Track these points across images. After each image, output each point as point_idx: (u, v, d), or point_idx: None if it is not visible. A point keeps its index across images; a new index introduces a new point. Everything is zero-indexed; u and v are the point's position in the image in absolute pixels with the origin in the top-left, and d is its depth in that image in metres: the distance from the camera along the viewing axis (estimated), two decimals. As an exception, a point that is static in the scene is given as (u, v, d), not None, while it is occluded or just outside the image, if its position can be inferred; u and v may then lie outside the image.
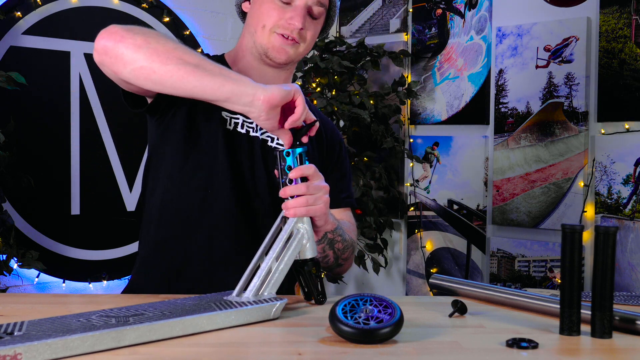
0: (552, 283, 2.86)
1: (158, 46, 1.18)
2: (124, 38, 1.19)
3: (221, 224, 1.41)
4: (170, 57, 1.17)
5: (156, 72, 1.18)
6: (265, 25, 1.40)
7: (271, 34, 1.40)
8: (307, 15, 1.40)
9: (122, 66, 1.20)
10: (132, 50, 1.18)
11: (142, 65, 1.18)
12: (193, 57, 1.19)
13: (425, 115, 3.30)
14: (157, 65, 1.17)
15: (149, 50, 1.18)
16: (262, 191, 1.44)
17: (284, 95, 1.16)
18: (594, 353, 0.98)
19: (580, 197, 2.79)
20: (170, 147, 1.43)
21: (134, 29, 1.22)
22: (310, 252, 1.23)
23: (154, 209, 1.44)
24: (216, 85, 1.17)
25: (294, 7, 1.39)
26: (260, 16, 1.40)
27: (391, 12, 3.45)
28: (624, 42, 2.67)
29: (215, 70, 1.18)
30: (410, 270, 3.37)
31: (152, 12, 3.12)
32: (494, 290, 1.28)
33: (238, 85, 1.17)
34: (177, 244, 1.42)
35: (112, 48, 1.20)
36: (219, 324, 1.04)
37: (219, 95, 1.17)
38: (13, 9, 2.75)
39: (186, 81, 1.17)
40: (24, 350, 0.84)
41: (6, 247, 2.49)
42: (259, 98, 1.16)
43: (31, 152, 2.78)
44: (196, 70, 1.17)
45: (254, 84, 1.17)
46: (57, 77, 2.87)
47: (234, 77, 1.18)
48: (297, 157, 1.22)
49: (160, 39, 1.20)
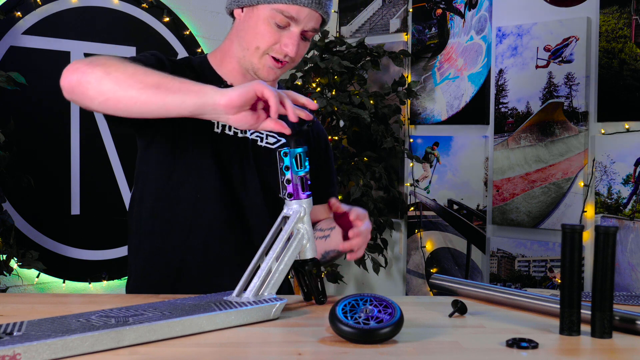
0: (552, 283, 2.86)
1: (118, 74, 1.20)
2: (85, 74, 1.21)
3: (215, 228, 1.42)
4: (131, 84, 1.18)
5: (121, 100, 1.19)
6: (260, 47, 1.39)
7: (263, 55, 1.40)
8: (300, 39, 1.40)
9: (89, 101, 1.23)
10: (95, 84, 1.20)
11: (107, 97, 1.20)
12: (153, 78, 1.19)
13: (425, 115, 3.30)
14: (120, 94, 1.19)
15: (110, 81, 1.19)
16: (255, 192, 1.45)
17: (243, 95, 1.14)
18: (594, 353, 0.98)
19: (580, 197, 2.79)
20: (157, 156, 1.44)
21: (94, 62, 1.23)
22: (311, 252, 1.23)
23: (145, 219, 1.45)
24: (178, 103, 1.17)
25: (289, 33, 1.38)
26: (255, 36, 1.40)
27: (391, 12, 3.45)
28: (624, 42, 2.67)
29: (175, 87, 1.18)
30: (410, 270, 3.36)
31: (152, 12, 3.12)
32: (494, 290, 1.28)
33: (199, 97, 1.16)
34: (172, 253, 1.43)
35: (76, 85, 1.22)
36: (218, 324, 1.04)
37: (183, 111, 1.18)
38: (13, 9, 2.75)
39: (150, 104, 1.18)
40: (23, 351, 0.84)
41: (6, 247, 2.49)
42: (220, 105, 1.14)
43: (31, 152, 2.78)
44: (157, 91, 1.17)
45: (213, 92, 1.16)
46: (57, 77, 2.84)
47: (195, 90, 1.17)
48: (295, 157, 1.22)
49: (120, 67, 1.21)
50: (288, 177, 1.22)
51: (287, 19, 1.36)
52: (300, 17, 1.37)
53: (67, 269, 2.89)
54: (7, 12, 2.72)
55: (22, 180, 2.63)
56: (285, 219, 1.22)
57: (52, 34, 2.85)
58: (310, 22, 1.38)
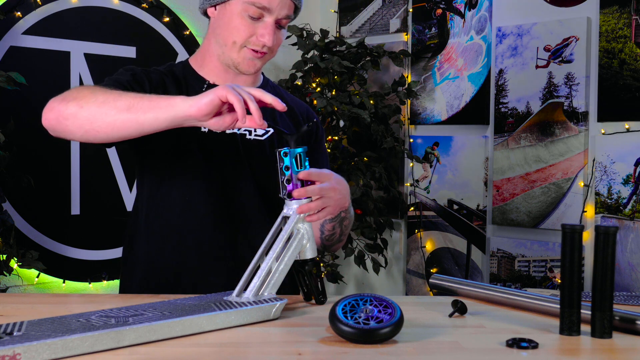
0: (552, 283, 2.86)
1: (90, 106, 1.23)
2: (60, 111, 1.25)
3: (206, 228, 1.43)
4: (105, 111, 1.21)
5: (99, 130, 1.23)
6: (236, 41, 1.42)
7: (241, 48, 1.42)
8: (275, 29, 1.42)
9: (71, 135, 1.27)
10: (72, 120, 1.24)
11: (86, 129, 1.23)
12: (123, 102, 1.21)
13: (425, 115, 3.30)
14: (97, 124, 1.22)
15: (84, 113, 1.23)
16: (247, 186, 1.46)
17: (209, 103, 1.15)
18: (594, 353, 0.98)
19: (580, 197, 2.79)
20: (150, 164, 1.47)
21: (67, 97, 1.27)
22: (311, 252, 1.23)
23: (142, 225, 1.47)
24: (152, 120, 1.19)
25: (264, 23, 1.40)
26: (230, 31, 1.42)
27: (391, 12, 3.45)
28: (624, 42, 2.67)
29: (145, 106, 1.20)
30: (410, 270, 3.36)
31: (152, 12, 3.12)
32: (494, 290, 1.28)
33: (169, 111, 1.18)
34: (169, 256, 1.45)
35: (55, 124, 1.27)
36: (218, 324, 1.04)
37: (159, 126, 1.20)
38: (13, 9, 2.75)
39: (127, 127, 1.21)
40: (23, 351, 0.84)
41: (6, 247, 2.49)
42: (192, 114, 1.17)
43: (31, 152, 2.78)
44: (130, 113, 1.20)
45: (182, 103, 1.18)
46: (57, 77, 2.86)
47: (164, 105, 1.19)
48: (295, 157, 1.22)
49: (90, 97, 1.24)
50: (288, 177, 1.22)
51: (260, 10, 1.39)
52: (272, 6, 1.39)
53: (67, 269, 2.89)
54: (7, 12, 2.72)
55: (22, 180, 2.62)
56: (285, 219, 1.22)
57: (52, 34, 2.85)
58: (283, 10, 1.40)
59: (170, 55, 3.16)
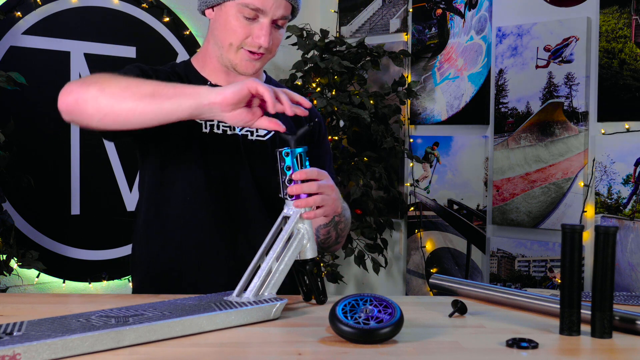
0: (552, 283, 2.86)
1: (112, 89, 1.22)
2: (80, 94, 1.24)
3: (207, 228, 1.44)
4: (127, 96, 1.21)
5: (119, 114, 1.22)
6: (232, 43, 1.41)
7: (238, 50, 1.42)
8: (272, 29, 1.41)
9: (89, 119, 1.25)
10: (92, 103, 1.22)
11: (105, 112, 1.22)
12: (147, 88, 1.22)
13: (425, 115, 3.30)
14: (117, 107, 1.21)
15: (105, 97, 1.22)
16: (248, 187, 1.46)
17: (237, 92, 1.16)
18: (594, 353, 0.98)
19: (580, 197, 2.79)
20: (149, 165, 1.47)
21: (87, 81, 1.26)
22: (311, 252, 1.23)
23: (143, 225, 1.48)
24: (174, 107, 1.19)
25: (259, 24, 1.40)
26: (227, 33, 1.42)
27: (391, 12, 3.45)
28: (624, 42, 2.67)
29: (170, 93, 1.20)
30: (410, 270, 3.36)
31: (152, 12, 3.12)
32: (494, 290, 1.28)
33: (194, 99, 1.18)
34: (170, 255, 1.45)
35: (73, 106, 1.25)
36: (219, 324, 1.04)
37: (181, 115, 1.20)
38: (13, 9, 2.74)
39: (148, 112, 1.21)
40: (23, 351, 0.84)
41: (6, 247, 2.49)
42: (215, 103, 1.17)
43: (31, 152, 2.78)
44: (153, 99, 1.20)
45: (207, 91, 1.18)
46: (57, 77, 2.86)
47: (189, 92, 1.19)
48: (296, 157, 1.22)
49: (112, 82, 1.24)
50: (290, 177, 1.22)
51: (254, 12, 1.39)
52: (267, 7, 1.38)
53: (67, 269, 2.89)
54: (7, 12, 2.72)
55: (22, 180, 2.62)
56: (286, 219, 1.22)
57: (52, 34, 2.85)
58: (279, 10, 1.40)
59: (170, 55, 3.16)
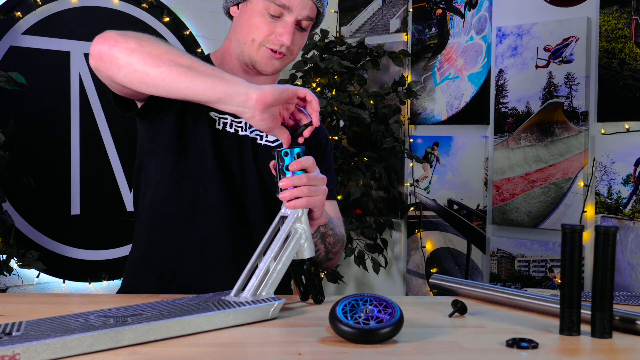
0: (552, 283, 2.86)
1: (151, 49, 1.20)
2: (117, 43, 1.21)
3: (213, 224, 1.42)
4: (163, 60, 1.19)
5: (149, 74, 1.19)
6: (255, 39, 1.41)
7: (260, 47, 1.41)
8: (295, 30, 1.41)
9: (116, 70, 1.22)
10: (126, 55, 1.20)
11: (135, 68, 1.20)
12: (185, 59, 1.20)
13: (425, 115, 3.30)
14: (150, 68, 1.19)
15: (142, 53, 1.20)
16: (253, 189, 1.45)
17: (278, 94, 1.16)
18: (594, 353, 0.98)
19: (580, 197, 2.79)
20: (159, 150, 1.44)
21: (128, 34, 1.23)
22: (308, 252, 1.23)
23: (145, 213, 1.45)
24: (208, 86, 1.17)
25: (283, 22, 1.39)
26: (250, 29, 1.41)
27: (391, 12, 3.45)
28: (624, 42, 2.67)
29: (207, 72, 1.19)
30: (410, 270, 3.36)
31: (152, 12, 3.12)
32: (494, 290, 1.28)
33: (231, 85, 1.17)
34: (169, 247, 1.43)
35: (106, 53, 1.22)
36: (217, 324, 1.04)
37: (211, 96, 1.18)
38: (13, 9, 2.74)
39: (179, 82, 1.18)
40: (23, 351, 0.84)
41: (6, 247, 2.48)
42: (252, 98, 1.15)
43: (31, 152, 2.78)
44: (188, 71, 1.18)
45: (246, 84, 1.18)
46: (57, 77, 2.86)
47: (227, 78, 1.18)
48: (295, 156, 1.22)
49: (154, 43, 1.22)
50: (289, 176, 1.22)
51: (280, 8, 1.38)
52: (293, 5, 1.38)
53: (67, 269, 2.88)
54: (7, 12, 2.72)
55: (22, 180, 2.62)
56: (283, 218, 1.22)
57: (52, 34, 2.85)
58: (304, 10, 1.39)
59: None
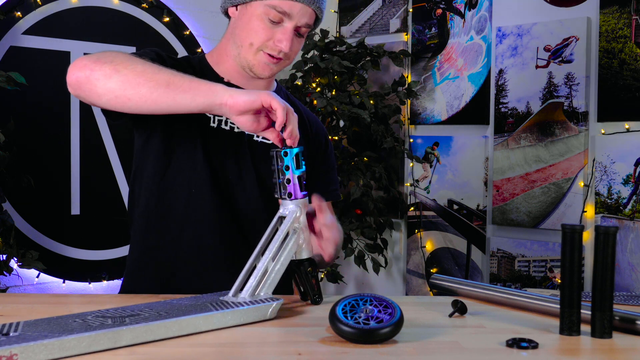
0: (552, 283, 2.85)
1: (127, 72, 1.20)
2: (93, 71, 1.21)
3: (208, 224, 1.42)
4: (141, 82, 1.20)
5: (131, 99, 1.20)
6: (253, 43, 1.40)
7: (257, 52, 1.41)
8: (294, 36, 1.41)
9: (97, 97, 1.23)
10: (104, 82, 1.21)
11: (116, 94, 1.21)
12: (162, 75, 1.21)
13: (425, 115, 3.30)
14: (130, 92, 1.20)
15: (119, 78, 1.20)
16: (250, 186, 1.45)
17: (249, 102, 1.17)
18: (594, 353, 0.98)
19: (580, 197, 2.79)
20: (152, 153, 1.44)
21: (102, 58, 1.23)
22: (307, 252, 1.23)
23: (140, 216, 1.45)
24: (188, 101, 1.19)
25: (282, 28, 1.39)
26: (248, 33, 1.40)
27: (391, 12, 3.45)
28: (624, 42, 2.67)
29: (185, 85, 1.20)
30: (410, 270, 3.36)
31: (152, 12, 3.12)
32: (494, 290, 1.28)
33: (208, 96, 1.19)
34: (166, 249, 1.43)
35: (84, 82, 1.22)
36: (215, 324, 1.04)
37: (193, 108, 1.20)
38: (13, 9, 2.74)
39: (160, 102, 1.20)
40: (20, 351, 0.84)
41: (6, 247, 2.48)
42: (226, 104, 1.18)
43: (31, 152, 2.78)
44: (168, 89, 1.19)
45: (222, 91, 1.19)
46: (57, 77, 2.85)
47: (204, 89, 1.19)
48: (294, 157, 1.21)
49: (129, 64, 1.22)
50: (288, 176, 1.21)
51: (280, 15, 1.37)
52: (293, 12, 1.37)
53: (67, 269, 2.89)
54: (7, 12, 2.72)
55: (22, 180, 2.62)
56: (282, 219, 1.22)
57: (52, 34, 2.85)
58: (304, 17, 1.39)
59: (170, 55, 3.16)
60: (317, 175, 1.54)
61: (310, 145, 1.55)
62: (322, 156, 1.59)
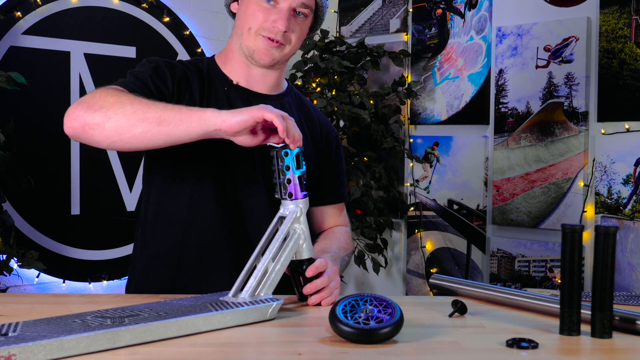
0: (552, 283, 2.85)
1: (119, 117, 1.21)
2: (86, 121, 1.23)
3: (211, 229, 1.43)
4: (134, 124, 1.21)
5: (128, 141, 1.22)
6: (251, 27, 1.42)
7: (257, 36, 1.42)
8: (291, 17, 1.42)
9: (96, 143, 1.25)
10: (99, 131, 1.22)
11: (113, 140, 1.23)
12: (154, 113, 1.21)
13: (425, 115, 3.30)
14: (126, 136, 1.22)
15: (112, 125, 1.21)
16: (258, 191, 1.45)
17: (242, 122, 1.17)
18: (594, 353, 0.98)
19: (580, 197, 2.79)
20: (158, 163, 1.46)
21: (93, 106, 1.23)
22: (307, 252, 1.23)
23: (148, 222, 1.47)
24: (183, 134, 1.21)
25: (278, 9, 1.40)
26: (246, 18, 1.42)
27: (391, 12, 3.45)
28: (624, 42, 2.67)
29: (176, 119, 1.20)
30: (410, 270, 3.36)
31: (152, 12, 3.12)
32: (494, 290, 1.28)
33: (201, 125, 1.20)
34: (171, 255, 1.44)
35: (80, 133, 1.24)
36: (215, 324, 1.04)
37: (190, 139, 1.22)
38: (13, 9, 2.74)
39: (156, 139, 1.22)
40: (19, 351, 0.84)
41: (6, 247, 2.48)
42: (221, 129, 1.18)
43: (31, 152, 2.78)
44: (160, 127, 1.20)
45: (214, 117, 1.19)
46: (57, 77, 2.86)
47: (195, 119, 1.20)
48: (294, 157, 1.21)
49: (119, 107, 1.22)
50: (289, 176, 1.21)
51: None
52: None
53: (67, 269, 2.89)
54: (7, 12, 2.72)
55: (22, 180, 2.62)
56: (282, 219, 1.22)
57: (52, 34, 2.85)
58: None
59: (170, 55, 3.16)
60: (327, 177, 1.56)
61: (320, 147, 1.55)
62: (333, 158, 1.59)
